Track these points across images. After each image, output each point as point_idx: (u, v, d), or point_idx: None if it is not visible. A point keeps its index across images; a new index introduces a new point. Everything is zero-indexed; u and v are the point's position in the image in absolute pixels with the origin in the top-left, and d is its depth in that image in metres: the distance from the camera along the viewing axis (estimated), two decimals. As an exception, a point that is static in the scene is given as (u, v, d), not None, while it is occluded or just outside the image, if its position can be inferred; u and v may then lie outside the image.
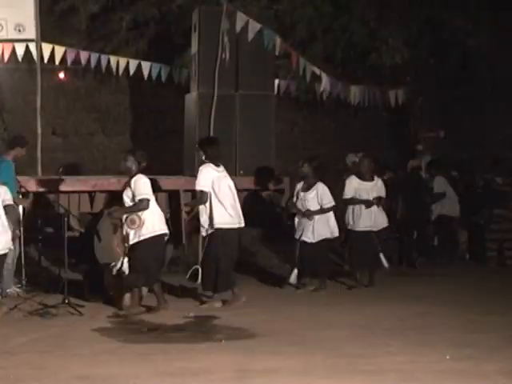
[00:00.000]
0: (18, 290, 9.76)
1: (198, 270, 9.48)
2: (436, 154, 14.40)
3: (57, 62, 12.45)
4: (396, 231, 13.24)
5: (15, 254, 9.85)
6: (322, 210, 10.33)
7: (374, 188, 10.75)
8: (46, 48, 12.16)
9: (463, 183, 13.94)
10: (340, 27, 13.74)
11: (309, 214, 10.25)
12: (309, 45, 13.61)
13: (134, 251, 8.82)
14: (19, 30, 11.78)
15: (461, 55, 14.23)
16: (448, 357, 7.01)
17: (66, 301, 8.92)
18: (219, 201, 9.28)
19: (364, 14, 13.73)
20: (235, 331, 8.12)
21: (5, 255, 8.66)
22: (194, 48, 12.09)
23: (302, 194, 10.38)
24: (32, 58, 11.97)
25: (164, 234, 9.02)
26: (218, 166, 9.48)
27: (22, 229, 9.90)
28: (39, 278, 10.28)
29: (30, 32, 11.79)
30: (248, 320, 8.56)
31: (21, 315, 8.82)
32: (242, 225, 9.51)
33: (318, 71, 12.89)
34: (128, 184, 8.92)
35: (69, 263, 9.43)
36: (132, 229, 8.78)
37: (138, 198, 8.79)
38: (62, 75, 13.29)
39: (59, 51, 12.37)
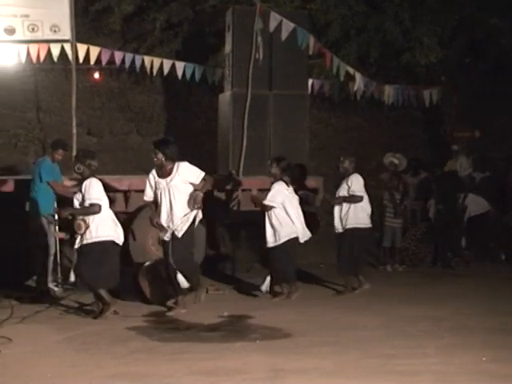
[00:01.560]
0: (54, 288, 9.85)
1: None
2: (472, 154, 14.33)
3: (92, 63, 12.53)
4: (430, 232, 13.20)
5: (52, 252, 9.96)
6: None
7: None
8: (81, 48, 12.24)
9: (495, 182, 13.85)
10: (374, 26, 13.69)
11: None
12: (343, 44, 13.58)
13: (79, 255, 8.76)
14: (55, 31, 11.88)
15: (496, 54, 14.11)
16: (484, 359, 6.96)
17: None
18: None
19: (398, 13, 13.67)
20: (269, 331, 8.12)
21: None
22: (228, 48, 12.10)
23: None
24: (67, 58, 12.07)
25: (110, 241, 8.73)
26: None
27: (57, 228, 10.00)
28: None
29: (65, 33, 11.88)
30: (282, 320, 8.56)
31: (57, 313, 8.92)
32: None
33: (351, 70, 12.86)
34: (79, 187, 8.80)
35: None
36: (79, 233, 8.68)
37: (87, 202, 8.64)
38: (96, 75, 13.38)
39: (94, 51, 12.45)
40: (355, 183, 10.31)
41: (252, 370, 6.62)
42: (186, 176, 8.96)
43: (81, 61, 12.25)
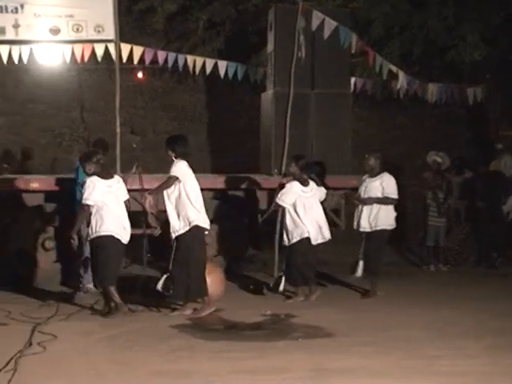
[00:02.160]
0: (93, 287, 9.88)
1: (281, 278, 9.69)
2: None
3: (135, 62, 12.60)
4: (474, 231, 13.07)
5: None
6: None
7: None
8: (125, 48, 12.32)
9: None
10: (417, 24, 13.60)
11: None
12: (385, 42, 13.52)
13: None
14: (98, 31, 11.99)
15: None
16: (529, 360, 6.90)
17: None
18: (190, 200, 8.84)
19: (441, 10, 13.56)
20: (312, 330, 8.12)
21: None
22: (270, 47, 12.12)
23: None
24: (111, 58, 12.18)
25: (109, 236, 8.76)
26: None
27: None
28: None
29: (109, 32, 11.98)
30: (325, 319, 8.55)
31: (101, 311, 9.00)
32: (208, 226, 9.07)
33: (394, 69, 12.79)
34: None
35: (147, 260, 9.60)
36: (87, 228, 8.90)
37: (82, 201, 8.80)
38: (140, 75, 13.47)
39: (137, 51, 12.52)
40: (390, 185, 10.07)
41: (295, 368, 6.63)
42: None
43: (124, 60, 12.32)
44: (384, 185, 10.07)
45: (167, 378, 6.39)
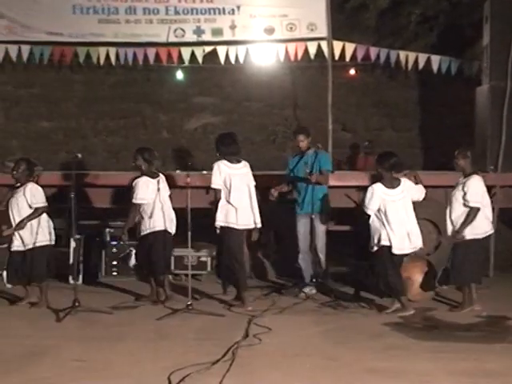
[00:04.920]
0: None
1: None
2: None
3: (347, 59, 12.63)
4: None
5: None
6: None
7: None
8: (337, 45, 12.38)
9: None
10: None
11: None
12: None
13: (138, 245, 9.46)
14: (311, 29, 12.20)
15: None
16: None
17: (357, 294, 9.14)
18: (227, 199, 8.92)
19: None
20: (531, 334, 7.85)
21: None
22: (486, 39, 11.78)
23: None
24: (323, 55, 12.30)
25: (161, 231, 9.17)
26: (233, 162, 8.99)
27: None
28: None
29: (322, 30, 12.16)
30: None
31: (314, 306, 9.15)
32: (251, 226, 9.04)
33: None
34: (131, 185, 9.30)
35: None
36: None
37: (132, 200, 9.16)
38: (352, 72, 13.51)
39: (349, 48, 12.54)
40: (473, 190, 8.76)
41: (512, 373, 6.42)
42: None
43: (336, 58, 12.39)
44: (465, 189, 8.80)
45: (380, 376, 6.37)
